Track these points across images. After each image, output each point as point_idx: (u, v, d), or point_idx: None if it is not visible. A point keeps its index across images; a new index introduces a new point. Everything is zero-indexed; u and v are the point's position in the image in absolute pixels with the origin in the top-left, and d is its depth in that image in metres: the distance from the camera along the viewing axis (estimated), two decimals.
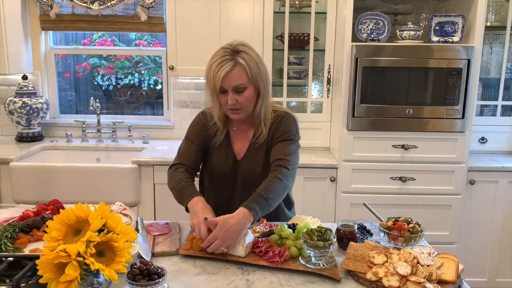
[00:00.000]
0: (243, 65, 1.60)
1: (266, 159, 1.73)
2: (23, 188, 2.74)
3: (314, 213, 1.89)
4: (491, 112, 3.10)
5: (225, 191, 1.78)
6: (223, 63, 1.59)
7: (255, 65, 1.62)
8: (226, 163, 1.75)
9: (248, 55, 1.62)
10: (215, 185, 1.81)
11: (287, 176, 1.61)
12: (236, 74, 1.60)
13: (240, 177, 1.75)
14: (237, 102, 1.63)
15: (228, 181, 1.77)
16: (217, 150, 1.77)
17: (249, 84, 1.63)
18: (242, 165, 1.75)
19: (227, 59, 1.59)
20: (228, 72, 1.59)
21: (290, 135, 1.71)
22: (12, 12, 3.05)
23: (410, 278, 1.22)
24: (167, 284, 1.18)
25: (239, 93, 1.63)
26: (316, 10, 2.96)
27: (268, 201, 1.53)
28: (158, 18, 3.23)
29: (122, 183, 2.77)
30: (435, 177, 2.74)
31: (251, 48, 1.66)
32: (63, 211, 1.15)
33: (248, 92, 1.63)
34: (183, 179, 1.67)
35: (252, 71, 1.61)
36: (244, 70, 1.60)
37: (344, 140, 2.74)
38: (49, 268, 1.09)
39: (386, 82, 2.68)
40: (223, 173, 1.76)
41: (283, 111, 1.78)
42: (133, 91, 3.64)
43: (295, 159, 1.70)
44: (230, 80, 1.60)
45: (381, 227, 1.48)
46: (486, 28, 2.84)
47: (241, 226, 1.44)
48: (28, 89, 3.17)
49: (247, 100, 1.64)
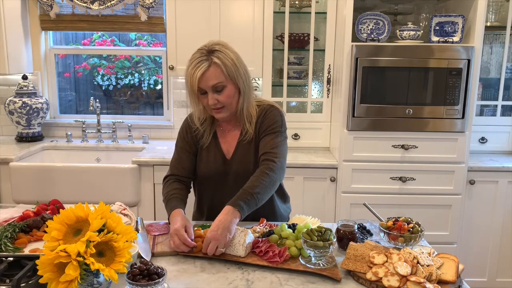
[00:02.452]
0: (218, 64, 1.60)
1: (256, 156, 1.73)
2: (23, 188, 2.74)
3: (314, 213, 1.89)
4: (491, 112, 3.10)
5: (218, 191, 1.77)
6: (199, 64, 1.60)
7: (232, 63, 1.63)
8: (216, 164, 1.76)
9: (224, 53, 1.62)
10: (207, 186, 1.81)
11: (273, 169, 1.62)
12: (212, 73, 1.60)
13: (232, 176, 1.75)
14: (218, 102, 1.64)
15: (219, 181, 1.77)
16: (205, 151, 1.78)
17: (228, 83, 1.63)
18: (232, 164, 1.75)
19: (203, 60, 1.61)
20: (204, 72, 1.60)
21: (275, 127, 1.72)
22: (12, 12, 3.05)
23: (410, 278, 1.22)
24: (167, 284, 1.18)
25: (218, 92, 1.63)
26: (316, 10, 2.96)
27: (254, 195, 1.54)
28: (158, 18, 3.23)
29: (122, 183, 2.77)
30: (435, 177, 2.74)
31: (227, 46, 1.66)
32: (63, 211, 1.15)
33: (227, 91, 1.64)
34: (170, 191, 1.70)
35: (228, 69, 1.62)
36: (220, 69, 1.61)
37: (344, 140, 2.74)
38: (49, 268, 1.09)
39: (386, 82, 2.68)
40: (213, 173, 1.76)
41: (267, 104, 1.78)
42: (133, 91, 3.64)
43: (283, 151, 1.70)
44: (206, 80, 1.61)
45: (381, 227, 1.48)
46: (486, 28, 2.84)
47: (229, 223, 1.45)
48: (28, 89, 3.17)
49: (228, 98, 1.65)
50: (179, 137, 1.84)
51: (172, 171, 1.79)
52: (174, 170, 1.79)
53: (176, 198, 1.67)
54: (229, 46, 1.67)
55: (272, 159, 1.64)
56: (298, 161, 2.79)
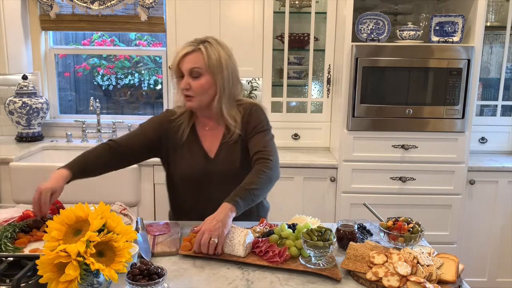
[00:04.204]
0: (202, 51, 1.62)
1: (243, 155, 1.71)
2: (23, 188, 2.73)
3: (314, 213, 1.89)
4: (491, 112, 3.10)
5: (202, 191, 1.74)
6: (186, 47, 1.64)
7: (217, 58, 1.63)
8: (198, 162, 1.72)
9: (213, 46, 1.64)
10: (189, 186, 1.75)
11: (270, 167, 1.62)
12: (194, 57, 1.62)
13: (216, 176, 1.71)
14: (190, 88, 1.64)
15: (203, 180, 1.72)
16: (186, 149, 1.74)
17: (205, 73, 1.63)
18: (216, 164, 1.72)
19: (191, 45, 1.64)
20: (186, 53, 1.63)
21: (262, 125, 1.72)
22: (12, 12, 3.05)
23: (410, 278, 1.22)
24: (167, 284, 1.18)
25: (193, 78, 1.64)
26: (316, 10, 2.96)
27: (250, 191, 1.54)
28: (158, 18, 3.23)
29: (122, 183, 2.76)
30: (435, 177, 2.74)
31: (221, 44, 1.67)
32: (63, 211, 1.15)
33: (202, 80, 1.63)
34: (91, 151, 1.68)
35: (211, 60, 1.62)
36: (202, 56, 1.62)
37: (344, 140, 2.74)
38: (49, 268, 1.09)
39: (386, 82, 2.68)
40: (195, 172, 1.72)
41: (249, 102, 1.78)
42: (133, 91, 3.64)
43: (274, 148, 1.71)
44: (187, 62, 1.63)
45: (381, 227, 1.48)
46: (486, 28, 2.84)
47: (223, 216, 1.45)
48: (28, 89, 3.17)
49: (199, 87, 1.64)
50: (150, 121, 1.81)
51: (119, 140, 1.74)
52: (122, 142, 1.73)
53: (83, 160, 1.64)
54: (223, 45, 1.68)
55: (266, 157, 1.64)
56: (298, 161, 2.79)
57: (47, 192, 1.50)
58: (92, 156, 1.68)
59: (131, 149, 1.74)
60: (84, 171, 1.66)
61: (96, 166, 1.69)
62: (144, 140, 1.75)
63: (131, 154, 1.76)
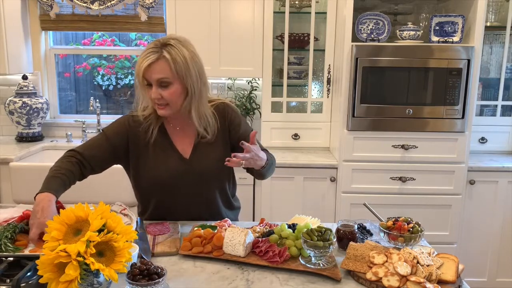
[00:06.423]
0: (167, 58, 1.52)
1: (224, 154, 1.65)
2: (23, 188, 2.73)
3: (314, 213, 1.89)
4: (491, 112, 3.10)
5: (177, 194, 1.69)
6: (148, 54, 1.53)
7: (183, 61, 1.54)
8: (172, 163, 1.67)
9: (177, 49, 1.54)
10: (162, 189, 1.69)
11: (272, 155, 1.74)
12: (159, 67, 1.53)
13: (192, 177, 1.67)
14: (161, 97, 1.56)
15: (177, 182, 1.67)
16: (158, 150, 1.67)
17: (174, 80, 1.55)
18: (192, 164, 1.67)
19: (154, 51, 1.53)
20: (151, 64, 1.52)
21: (241, 121, 1.76)
22: (12, 12, 3.05)
23: (410, 278, 1.22)
24: (167, 284, 1.18)
25: (163, 88, 1.55)
26: (316, 10, 2.96)
27: (270, 158, 1.67)
28: (158, 18, 3.23)
29: (122, 183, 2.75)
30: (435, 177, 2.74)
31: (184, 43, 1.58)
32: (63, 211, 1.15)
33: (173, 88, 1.56)
34: (62, 169, 1.60)
35: (178, 66, 1.53)
36: (168, 64, 1.53)
37: (344, 140, 2.74)
38: (49, 268, 1.09)
39: (386, 82, 2.68)
40: (170, 173, 1.66)
41: (220, 101, 1.75)
42: (133, 91, 3.64)
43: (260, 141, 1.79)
44: (152, 72, 1.53)
45: (381, 227, 1.48)
46: (486, 28, 2.84)
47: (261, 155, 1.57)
48: (28, 89, 3.17)
49: (171, 96, 1.56)
50: (113, 126, 1.70)
51: (83, 150, 1.66)
52: (85, 151, 1.66)
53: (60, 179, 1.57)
54: (186, 43, 1.59)
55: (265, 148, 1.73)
56: (298, 161, 2.79)
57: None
58: (67, 174, 1.61)
59: (96, 159, 1.67)
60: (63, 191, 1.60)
61: (70, 183, 1.63)
62: (108, 148, 1.67)
63: (97, 165, 1.69)
